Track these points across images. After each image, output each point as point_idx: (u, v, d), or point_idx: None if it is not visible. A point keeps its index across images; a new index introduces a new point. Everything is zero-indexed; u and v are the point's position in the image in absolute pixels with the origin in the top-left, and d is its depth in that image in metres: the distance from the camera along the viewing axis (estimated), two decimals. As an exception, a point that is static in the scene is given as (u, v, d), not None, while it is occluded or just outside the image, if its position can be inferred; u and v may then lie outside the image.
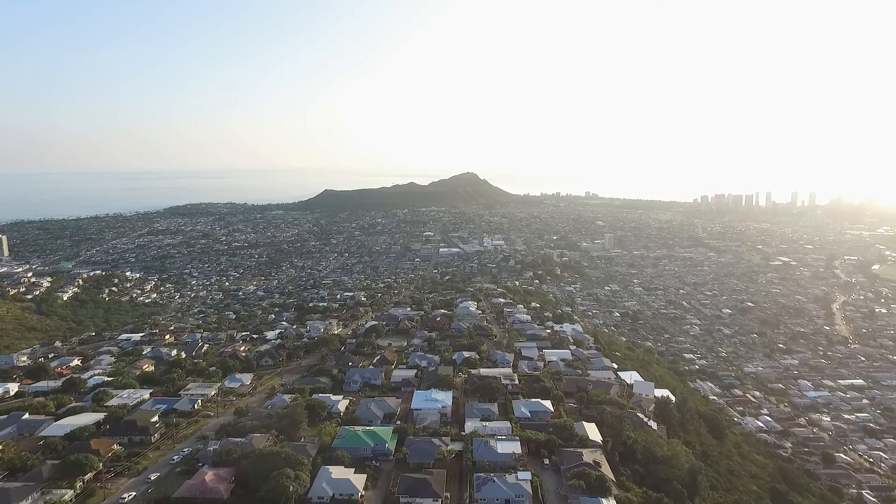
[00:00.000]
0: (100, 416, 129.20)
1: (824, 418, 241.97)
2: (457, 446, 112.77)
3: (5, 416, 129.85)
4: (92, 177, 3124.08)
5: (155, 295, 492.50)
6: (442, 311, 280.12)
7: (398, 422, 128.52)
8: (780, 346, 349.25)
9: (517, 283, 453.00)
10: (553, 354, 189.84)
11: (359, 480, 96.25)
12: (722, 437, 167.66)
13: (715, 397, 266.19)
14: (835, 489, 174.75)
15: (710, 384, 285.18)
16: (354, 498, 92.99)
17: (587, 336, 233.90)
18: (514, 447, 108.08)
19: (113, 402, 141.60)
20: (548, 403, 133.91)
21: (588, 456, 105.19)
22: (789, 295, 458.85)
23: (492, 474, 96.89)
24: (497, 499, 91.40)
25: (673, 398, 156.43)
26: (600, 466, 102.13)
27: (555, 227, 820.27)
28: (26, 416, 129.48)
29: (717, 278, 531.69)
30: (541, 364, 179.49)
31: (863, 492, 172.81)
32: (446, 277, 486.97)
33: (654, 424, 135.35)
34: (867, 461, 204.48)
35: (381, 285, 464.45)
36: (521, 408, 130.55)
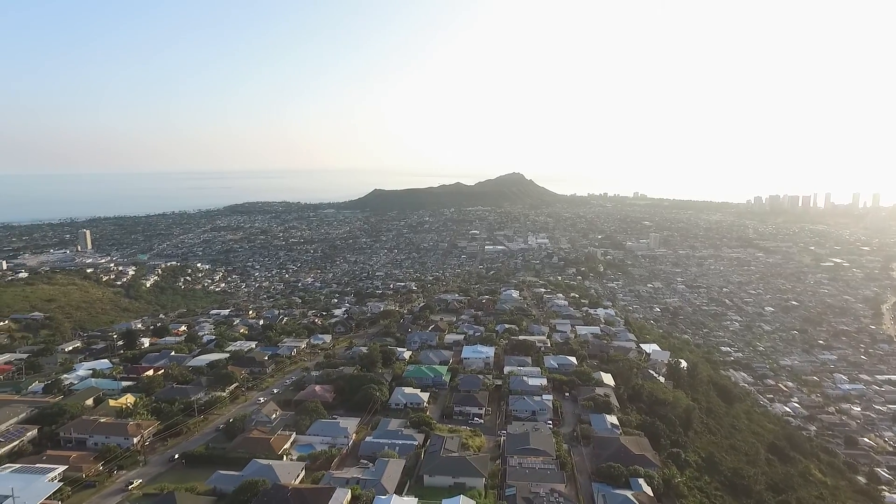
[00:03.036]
0: (225, 355, 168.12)
1: (854, 408, 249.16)
2: (497, 382, 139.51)
3: (158, 353, 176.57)
4: (156, 177, 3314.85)
5: (223, 285, 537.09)
6: (487, 296, 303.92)
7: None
8: (820, 342, 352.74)
9: (559, 278, 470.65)
10: (584, 329, 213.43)
11: (424, 396, 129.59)
12: (731, 402, 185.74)
13: (746, 385, 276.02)
14: (850, 465, 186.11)
15: (742, 374, 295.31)
16: (421, 406, 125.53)
17: (618, 318, 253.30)
18: (541, 381, 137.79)
19: (230, 348, 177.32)
20: (573, 359, 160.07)
21: (600, 391, 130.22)
22: (837, 295, 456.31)
23: (523, 396, 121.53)
24: (525, 410, 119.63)
25: (685, 364, 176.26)
26: (609, 398, 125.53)
27: (600, 226, 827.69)
28: (172, 353, 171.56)
29: (763, 278, 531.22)
30: (571, 336, 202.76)
31: (877, 469, 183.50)
32: (491, 272, 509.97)
33: (662, 380, 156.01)
34: (891, 445, 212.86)
35: (430, 278, 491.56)
36: (551, 361, 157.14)
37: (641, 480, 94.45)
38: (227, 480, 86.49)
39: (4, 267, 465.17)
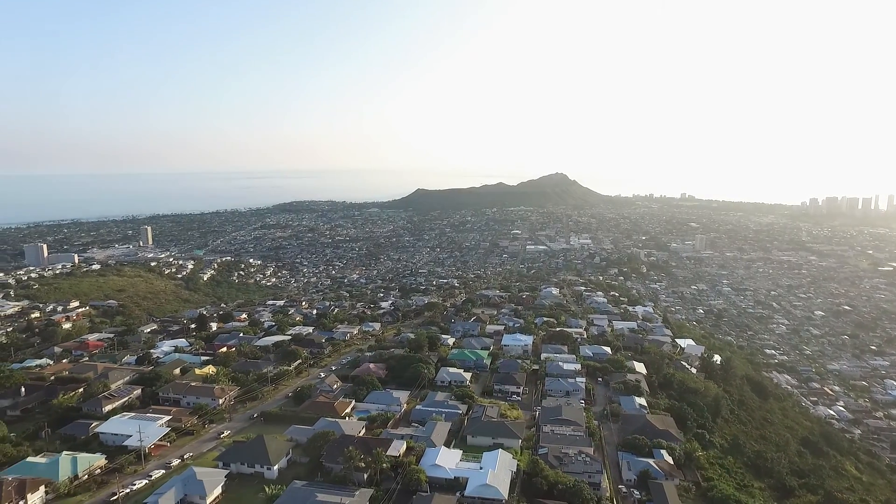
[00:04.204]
0: (287, 337, 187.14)
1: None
2: (534, 367, 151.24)
3: (228, 334, 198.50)
4: (209, 176, 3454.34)
5: (274, 279, 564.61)
6: (527, 292, 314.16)
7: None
8: (872, 347, 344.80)
9: (601, 278, 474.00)
10: (620, 324, 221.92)
11: (466, 375, 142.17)
12: (766, 398, 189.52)
13: (789, 387, 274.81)
14: (894, 468, 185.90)
15: (786, 376, 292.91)
16: (464, 384, 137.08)
17: (656, 316, 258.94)
18: (575, 367, 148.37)
19: (290, 332, 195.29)
20: (607, 349, 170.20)
21: (631, 377, 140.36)
22: (894, 300, 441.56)
23: (558, 378, 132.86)
24: (560, 390, 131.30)
25: (719, 358, 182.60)
26: (640, 383, 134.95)
27: (644, 227, 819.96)
28: (241, 334, 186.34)
29: (814, 282, 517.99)
30: (608, 329, 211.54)
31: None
32: (532, 271, 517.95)
33: (694, 371, 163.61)
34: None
35: (472, 276, 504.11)
36: (586, 350, 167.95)
37: (664, 451, 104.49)
38: (300, 433, 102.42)
39: (77, 260, 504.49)
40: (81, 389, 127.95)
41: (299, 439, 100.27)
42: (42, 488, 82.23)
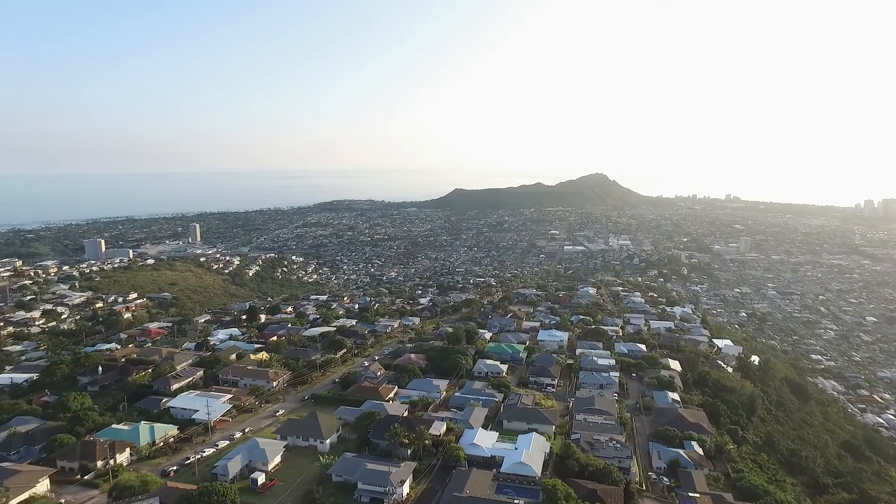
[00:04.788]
0: (332, 328, 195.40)
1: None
2: (569, 361, 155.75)
3: (277, 325, 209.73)
4: (252, 176, 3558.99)
5: (315, 276, 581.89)
6: (563, 291, 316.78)
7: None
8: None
9: (639, 279, 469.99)
10: (657, 324, 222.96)
11: (503, 367, 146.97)
12: (806, 400, 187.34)
13: (835, 393, 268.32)
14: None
15: (833, 382, 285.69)
16: (501, 375, 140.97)
17: (695, 316, 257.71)
18: (610, 362, 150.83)
19: (334, 324, 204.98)
20: (642, 346, 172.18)
21: (665, 373, 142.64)
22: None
23: (592, 372, 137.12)
24: (593, 384, 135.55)
25: (757, 359, 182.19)
26: (674, 380, 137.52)
27: (686, 229, 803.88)
28: (289, 325, 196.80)
29: (866, 287, 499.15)
30: (644, 328, 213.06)
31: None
32: (569, 271, 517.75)
33: (730, 370, 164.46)
34: None
35: (509, 275, 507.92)
36: (621, 347, 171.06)
37: (694, 443, 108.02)
38: (349, 412, 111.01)
39: (132, 255, 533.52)
40: (150, 370, 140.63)
41: (347, 418, 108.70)
42: (127, 450, 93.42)
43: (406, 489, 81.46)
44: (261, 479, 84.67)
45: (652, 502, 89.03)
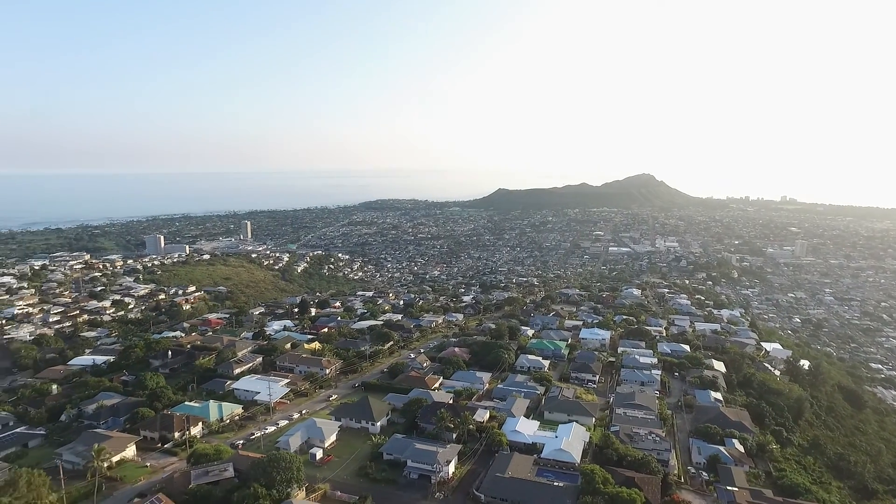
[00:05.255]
0: (379, 322, 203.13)
1: None
2: (611, 359, 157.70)
3: (328, 318, 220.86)
4: (300, 175, 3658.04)
5: (361, 273, 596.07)
6: (607, 292, 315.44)
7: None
8: None
9: (686, 281, 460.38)
10: (703, 325, 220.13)
11: (545, 362, 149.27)
12: (861, 408, 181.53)
13: (895, 402, 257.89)
14: None
15: (894, 392, 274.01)
16: (542, 370, 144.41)
17: (743, 320, 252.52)
18: (652, 360, 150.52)
19: (381, 318, 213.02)
20: (686, 347, 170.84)
21: (708, 373, 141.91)
22: None
23: (634, 369, 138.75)
24: (634, 381, 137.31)
25: (807, 364, 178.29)
26: (717, 380, 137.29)
27: (738, 231, 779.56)
28: (339, 318, 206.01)
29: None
30: (689, 330, 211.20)
31: None
32: (614, 273, 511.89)
33: (777, 373, 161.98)
34: None
35: (552, 275, 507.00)
36: (664, 346, 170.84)
37: (735, 441, 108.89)
38: (397, 399, 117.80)
39: (188, 251, 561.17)
40: (214, 355, 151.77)
41: (396, 404, 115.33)
42: (200, 424, 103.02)
43: (452, 468, 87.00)
44: (319, 454, 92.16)
45: (690, 494, 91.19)
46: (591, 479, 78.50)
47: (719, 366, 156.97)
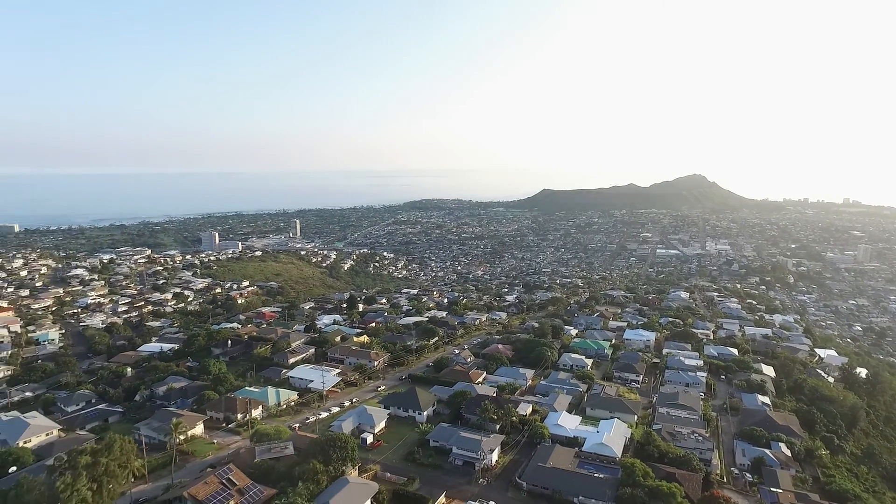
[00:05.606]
0: (424, 318, 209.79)
1: None
2: (655, 360, 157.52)
3: (375, 313, 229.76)
4: (346, 174, 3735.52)
5: (405, 272, 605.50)
6: (654, 295, 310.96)
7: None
8: None
9: (738, 286, 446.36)
10: (752, 330, 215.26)
11: (587, 361, 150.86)
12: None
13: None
14: None
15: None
16: (585, 369, 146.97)
17: (797, 326, 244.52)
18: (697, 362, 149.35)
19: (426, 315, 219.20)
20: (734, 350, 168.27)
21: (756, 377, 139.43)
22: None
23: (678, 370, 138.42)
24: (679, 382, 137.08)
25: (864, 371, 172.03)
26: (765, 384, 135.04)
27: (794, 234, 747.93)
28: (386, 314, 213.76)
29: None
30: (738, 334, 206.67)
31: None
32: (661, 275, 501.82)
33: (831, 381, 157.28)
34: None
35: (597, 277, 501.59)
36: (711, 349, 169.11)
37: (782, 444, 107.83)
38: (442, 391, 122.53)
39: (241, 247, 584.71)
40: (270, 345, 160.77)
41: (441, 396, 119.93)
42: (260, 407, 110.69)
43: (495, 457, 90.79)
44: (369, 438, 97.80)
45: (733, 494, 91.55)
46: (632, 472, 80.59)
47: (768, 370, 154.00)
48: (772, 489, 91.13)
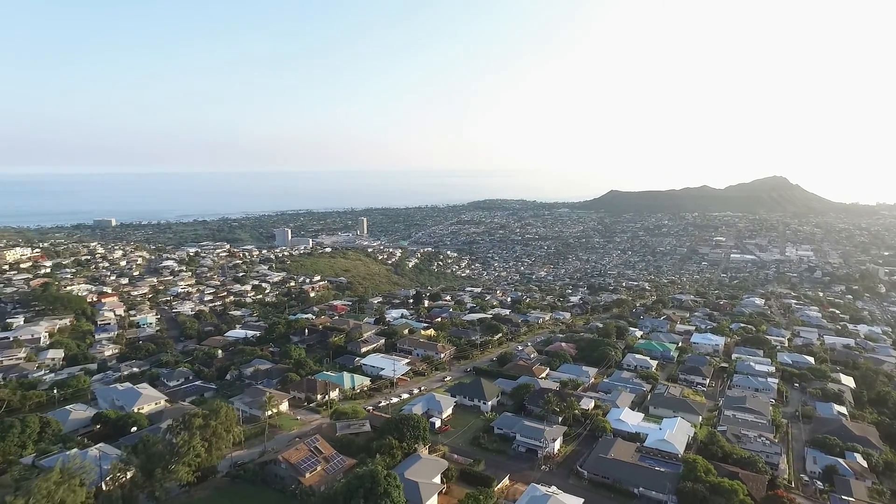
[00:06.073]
0: (488, 315, 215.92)
1: None
2: (723, 365, 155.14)
3: (440, 309, 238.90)
4: (410, 174, 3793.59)
5: (468, 271, 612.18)
6: (725, 300, 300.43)
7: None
8: None
9: (821, 294, 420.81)
10: (833, 339, 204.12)
11: (652, 362, 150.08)
12: None
13: None
14: None
15: None
16: (649, 370, 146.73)
17: (885, 337, 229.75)
18: (769, 369, 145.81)
19: (490, 312, 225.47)
20: (810, 359, 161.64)
21: (834, 386, 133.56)
22: None
23: (747, 375, 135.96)
24: (748, 387, 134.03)
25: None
26: (843, 394, 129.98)
27: (889, 241, 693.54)
28: (451, 309, 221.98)
29: None
30: (816, 343, 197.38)
31: None
32: (734, 281, 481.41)
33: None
34: None
35: (665, 281, 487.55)
36: (784, 357, 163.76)
37: (858, 455, 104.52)
38: (506, 384, 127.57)
39: (311, 244, 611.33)
40: (344, 335, 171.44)
41: (505, 388, 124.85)
42: (336, 390, 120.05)
43: (557, 446, 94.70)
44: (437, 423, 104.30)
45: (801, 499, 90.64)
46: (693, 468, 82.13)
47: (847, 380, 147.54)
48: (843, 497, 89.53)
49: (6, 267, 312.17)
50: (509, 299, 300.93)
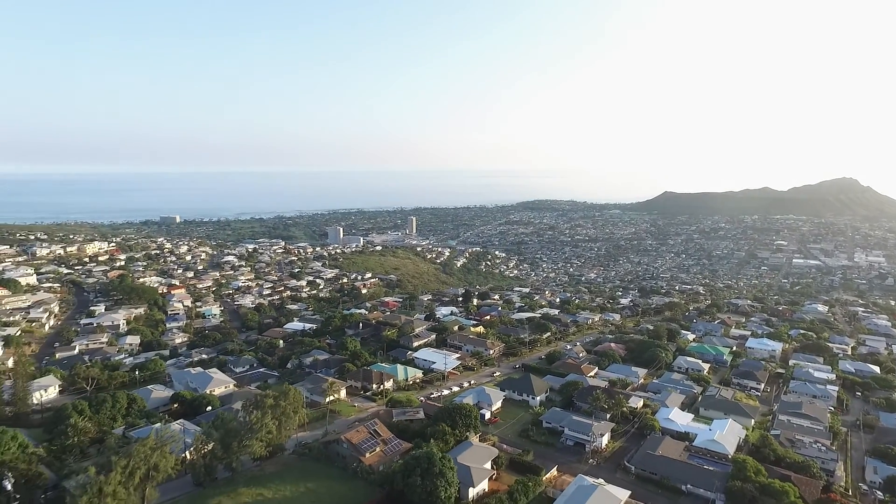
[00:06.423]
0: (537, 314, 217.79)
1: None
2: (779, 370, 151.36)
3: (489, 307, 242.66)
4: (456, 174, 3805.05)
5: (516, 271, 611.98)
6: (785, 306, 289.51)
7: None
8: None
9: (892, 302, 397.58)
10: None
11: (704, 366, 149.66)
12: None
13: None
14: None
15: None
16: (700, 373, 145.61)
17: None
18: (829, 376, 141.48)
19: (539, 311, 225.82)
20: (875, 368, 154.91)
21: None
22: None
23: (805, 382, 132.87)
24: (804, 393, 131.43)
25: None
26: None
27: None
28: (499, 308, 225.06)
29: None
30: (884, 352, 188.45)
31: None
32: (796, 287, 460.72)
33: None
34: None
35: (720, 285, 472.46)
36: (847, 365, 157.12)
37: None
38: (554, 380, 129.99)
39: (362, 242, 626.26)
40: (396, 330, 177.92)
41: (553, 385, 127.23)
42: (391, 380, 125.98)
43: (605, 441, 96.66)
44: (487, 414, 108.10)
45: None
46: (743, 468, 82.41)
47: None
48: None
49: (86, 259, 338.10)
50: (558, 300, 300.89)
